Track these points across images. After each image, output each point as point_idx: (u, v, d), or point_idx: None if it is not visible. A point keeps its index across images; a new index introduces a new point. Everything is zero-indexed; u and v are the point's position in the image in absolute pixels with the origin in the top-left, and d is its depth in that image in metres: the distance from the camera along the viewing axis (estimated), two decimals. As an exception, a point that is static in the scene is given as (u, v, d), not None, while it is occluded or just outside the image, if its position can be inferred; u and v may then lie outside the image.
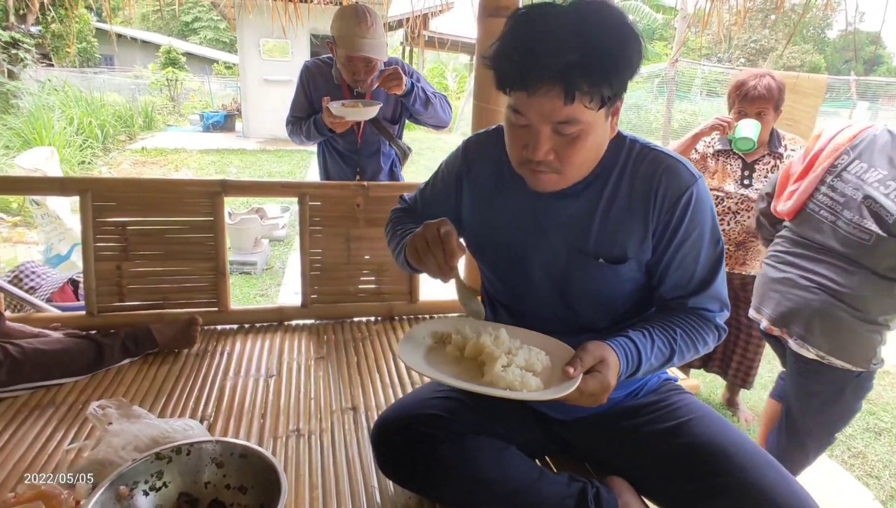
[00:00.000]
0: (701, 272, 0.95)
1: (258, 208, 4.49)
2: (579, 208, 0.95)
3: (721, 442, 0.93)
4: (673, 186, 0.90)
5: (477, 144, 1.08)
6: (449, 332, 0.97)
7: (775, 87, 2.03)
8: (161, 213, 1.73)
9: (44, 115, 7.26)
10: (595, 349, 0.86)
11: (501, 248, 1.03)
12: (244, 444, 1.04)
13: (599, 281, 0.96)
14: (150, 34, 20.15)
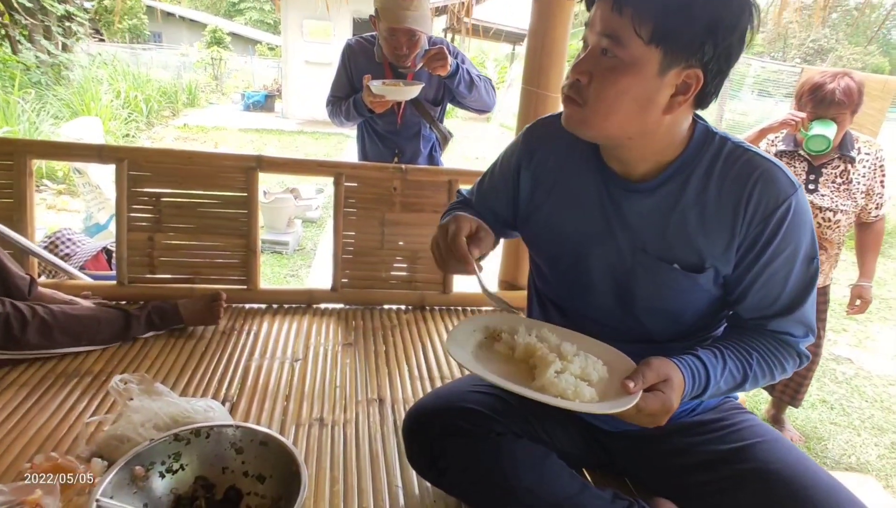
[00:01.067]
0: (789, 294, 0.85)
1: (293, 189, 4.48)
2: (654, 205, 0.85)
3: (794, 472, 0.82)
4: (769, 196, 0.79)
5: (543, 129, 0.99)
6: (501, 329, 0.90)
7: (856, 89, 1.83)
8: (196, 186, 1.70)
9: (92, 87, 7.44)
10: (660, 365, 0.77)
11: (561, 243, 0.94)
12: (266, 431, 0.99)
13: (669, 289, 0.86)
14: (198, 13, 20.55)
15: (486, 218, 0.97)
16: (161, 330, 1.51)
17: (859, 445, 2.28)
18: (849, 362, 3.03)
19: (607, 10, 0.72)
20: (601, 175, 0.89)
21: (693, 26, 0.71)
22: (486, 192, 1.08)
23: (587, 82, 0.76)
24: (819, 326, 2.11)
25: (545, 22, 1.71)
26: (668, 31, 0.70)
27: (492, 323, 0.92)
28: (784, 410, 2.33)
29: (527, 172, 0.98)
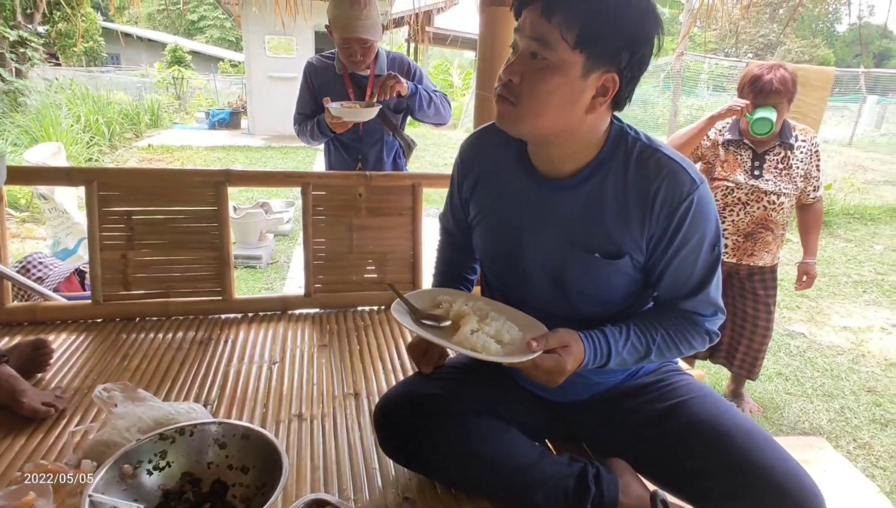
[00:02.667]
0: (696, 277, 0.94)
1: (263, 203, 4.51)
2: (577, 201, 0.93)
3: (721, 422, 0.93)
4: (673, 193, 0.88)
5: (472, 143, 1.09)
6: (443, 299, 1.04)
7: (790, 79, 2.00)
8: (166, 203, 1.75)
9: (51, 112, 7.31)
10: (565, 334, 0.90)
11: (500, 240, 1.04)
12: (246, 425, 1.05)
13: (595, 275, 0.95)
14: (156, 33, 20.26)
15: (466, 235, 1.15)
16: None
17: (812, 411, 2.44)
18: (802, 336, 3.22)
19: (537, 16, 0.80)
20: (530, 175, 0.97)
21: (613, 36, 0.81)
22: (453, 218, 1.20)
23: (519, 82, 0.84)
24: (769, 302, 2.26)
25: (493, 30, 1.82)
26: (591, 38, 0.80)
27: (438, 293, 1.06)
28: (742, 384, 2.47)
29: (467, 182, 1.08)
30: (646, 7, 0.81)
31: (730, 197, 2.12)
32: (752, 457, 0.87)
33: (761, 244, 2.15)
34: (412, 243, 1.94)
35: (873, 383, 2.70)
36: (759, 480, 0.85)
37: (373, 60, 2.03)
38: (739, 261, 2.19)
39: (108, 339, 1.60)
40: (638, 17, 0.81)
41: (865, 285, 4.15)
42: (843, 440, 2.23)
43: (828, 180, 6.44)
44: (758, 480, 0.85)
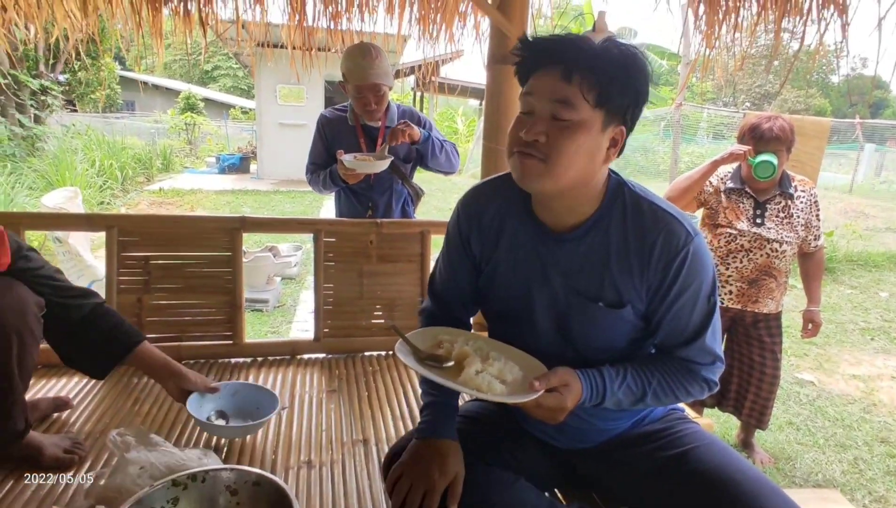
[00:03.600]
0: (692, 326, 0.97)
1: (271, 247, 4.57)
2: (580, 252, 0.97)
3: (727, 470, 0.94)
4: (669, 245, 0.92)
5: (476, 197, 1.09)
6: (445, 338, 1.04)
7: (788, 128, 2.08)
8: (182, 248, 1.80)
9: (67, 157, 7.53)
10: (564, 373, 0.93)
11: (508, 291, 1.05)
12: (258, 472, 1.05)
13: (599, 324, 0.98)
14: (171, 81, 21.01)
15: (453, 307, 1.15)
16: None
17: (825, 462, 2.39)
18: (811, 384, 3.18)
19: (556, 79, 0.86)
20: (537, 227, 1.00)
21: (624, 94, 0.88)
22: (447, 281, 1.15)
23: (545, 141, 0.88)
24: (776, 349, 2.26)
25: (499, 86, 1.91)
26: (607, 96, 0.87)
27: (439, 333, 1.07)
28: (753, 433, 2.44)
29: (475, 237, 1.07)
30: (644, 68, 0.89)
31: (733, 244, 2.16)
32: (759, 505, 0.88)
33: (765, 291, 2.17)
34: (421, 288, 1.98)
35: (886, 433, 2.66)
36: None
37: (384, 112, 2.13)
38: (744, 308, 2.20)
39: (120, 382, 1.62)
40: (640, 77, 0.89)
41: (873, 332, 4.13)
42: (858, 493, 2.18)
43: (830, 227, 6.50)
44: None
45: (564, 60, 0.86)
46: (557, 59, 0.87)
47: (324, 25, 2.60)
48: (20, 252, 1.23)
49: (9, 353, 1.13)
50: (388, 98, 2.10)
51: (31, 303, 1.18)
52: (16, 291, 1.16)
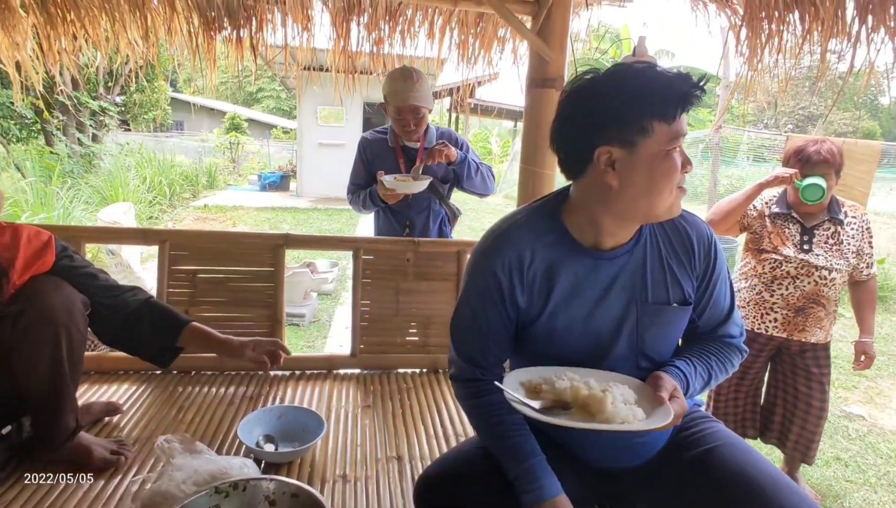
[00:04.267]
0: (727, 304, 1.07)
1: (309, 263, 4.68)
2: (634, 263, 1.00)
3: (748, 470, 0.95)
4: (703, 238, 1.03)
5: (501, 247, 1.00)
6: (537, 382, 0.96)
7: (836, 151, 2.02)
8: (228, 263, 1.88)
9: (121, 174, 7.94)
10: (668, 377, 0.95)
11: (573, 326, 1.00)
12: (297, 484, 1.08)
13: (671, 324, 1.02)
14: (218, 102, 21.93)
15: (493, 369, 1.07)
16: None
17: (876, 503, 2.26)
18: (861, 419, 3.02)
19: (683, 122, 0.89)
20: (587, 254, 0.99)
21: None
22: (483, 347, 1.06)
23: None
24: (824, 380, 2.17)
25: (538, 109, 1.94)
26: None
27: (524, 377, 0.97)
28: (797, 467, 2.33)
29: (520, 290, 1.00)
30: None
31: (778, 270, 2.09)
32: (779, 505, 0.88)
33: (813, 320, 2.09)
34: (455, 307, 1.99)
35: (945, 474, 2.50)
36: None
37: (423, 134, 2.18)
38: (790, 336, 2.13)
39: (166, 391, 1.69)
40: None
41: (929, 366, 3.90)
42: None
43: (881, 254, 6.20)
44: None
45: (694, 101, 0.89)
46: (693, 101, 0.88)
47: (366, 50, 2.69)
48: (65, 252, 1.31)
49: (59, 350, 1.20)
50: (428, 120, 2.16)
51: (78, 301, 1.25)
52: (64, 290, 1.23)
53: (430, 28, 2.68)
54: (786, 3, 1.91)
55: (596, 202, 0.95)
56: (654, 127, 0.87)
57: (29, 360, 1.19)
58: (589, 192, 0.95)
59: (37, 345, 1.18)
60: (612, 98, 0.88)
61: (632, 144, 0.87)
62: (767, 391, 2.32)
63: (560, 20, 1.85)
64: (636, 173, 0.89)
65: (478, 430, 1.08)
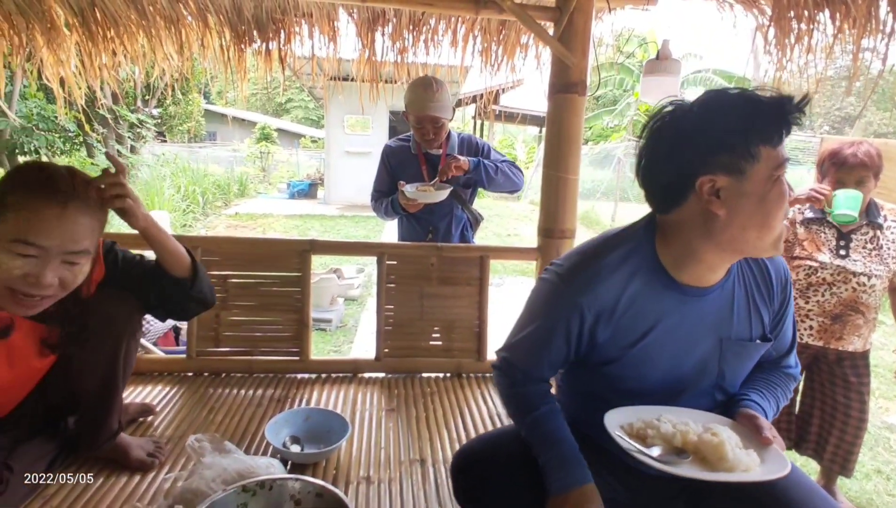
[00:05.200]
0: (790, 336, 1.09)
1: (336, 269, 4.75)
2: (724, 300, 0.99)
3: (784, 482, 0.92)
4: (778, 270, 1.04)
5: (591, 282, 0.97)
6: (639, 426, 0.95)
7: (875, 153, 1.94)
8: (257, 268, 1.93)
9: (157, 183, 8.23)
10: (761, 417, 0.96)
11: (655, 366, 0.99)
12: (322, 484, 1.10)
13: (750, 359, 1.04)
14: (249, 113, 22.52)
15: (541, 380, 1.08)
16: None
17: (922, 518, 2.17)
18: (905, 430, 2.90)
19: (784, 147, 0.87)
20: (678, 292, 0.97)
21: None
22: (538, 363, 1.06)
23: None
24: (863, 390, 2.09)
25: (560, 115, 1.94)
26: None
27: (622, 422, 0.96)
28: (835, 480, 2.24)
29: (606, 325, 0.97)
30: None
31: (813, 277, 2.03)
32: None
33: (851, 328, 2.02)
34: (478, 312, 2.00)
35: None
36: None
37: (445, 140, 2.20)
38: (827, 345, 2.06)
39: (197, 392, 1.74)
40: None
41: (979, 376, 3.71)
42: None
43: (926, 259, 5.94)
44: None
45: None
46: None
47: (391, 59, 2.74)
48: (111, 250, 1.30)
49: (117, 357, 1.25)
50: (448, 128, 2.18)
51: (136, 309, 1.29)
52: (124, 298, 1.27)
53: (454, 36, 2.70)
54: (815, 1, 1.87)
55: (698, 234, 0.91)
56: (762, 152, 0.84)
57: (87, 365, 1.24)
58: (689, 225, 0.91)
59: (96, 352, 1.23)
60: (716, 125, 0.85)
61: (740, 171, 0.85)
62: (803, 402, 2.24)
63: (582, 25, 1.85)
64: (746, 201, 0.86)
65: (514, 417, 1.10)
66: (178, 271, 1.29)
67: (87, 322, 1.21)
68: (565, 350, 1.01)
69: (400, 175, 2.18)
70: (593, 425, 0.98)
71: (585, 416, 1.05)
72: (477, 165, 2.11)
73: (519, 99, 11.96)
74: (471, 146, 2.26)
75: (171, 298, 1.30)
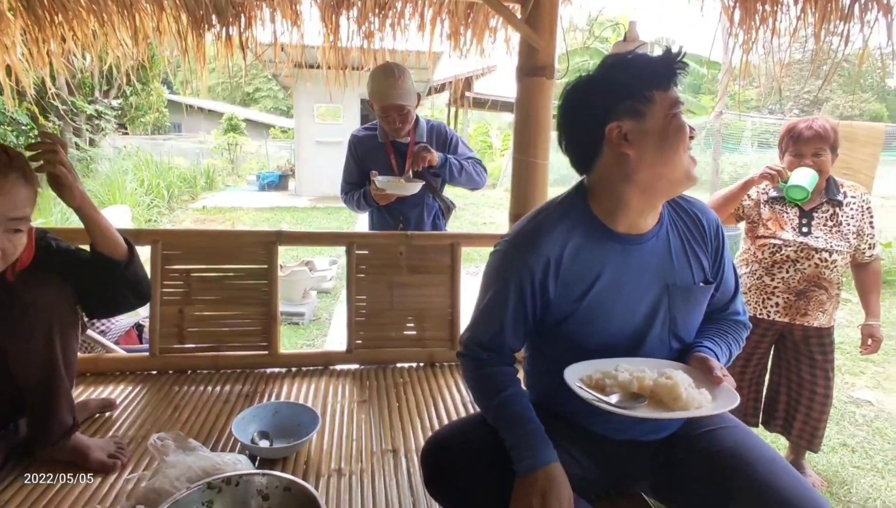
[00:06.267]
0: (732, 283, 1.14)
1: (307, 261, 4.67)
2: (662, 248, 1.05)
3: (744, 449, 0.97)
4: (710, 218, 1.11)
5: (537, 240, 1.03)
6: (597, 377, 0.98)
7: (830, 127, 1.99)
8: (221, 261, 1.87)
9: (118, 178, 7.95)
10: (709, 357, 1.01)
11: (610, 315, 1.03)
12: (289, 478, 1.08)
13: (699, 304, 1.09)
14: (215, 103, 21.91)
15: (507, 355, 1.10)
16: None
17: (884, 488, 2.24)
18: (868, 404, 3.00)
19: (676, 90, 0.99)
20: (617, 241, 1.03)
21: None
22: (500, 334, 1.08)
23: None
24: (828, 367, 2.15)
25: (529, 98, 1.92)
26: None
27: (581, 375, 0.99)
28: (803, 455, 2.31)
29: (554, 282, 1.02)
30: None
31: (778, 255, 2.07)
32: (770, 481, 0.91)
33: (815, 304, 2.07)
34: (451, 300, 1.98)
35: (951, 457, 2.48)
36: (778, 503, 0.88)
37: (413, 128, 2.16)
38: (792, 321, 2.10)
39: (161, 390, 1.68)
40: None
41: (935, 348, 3.88)
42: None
43: (889, 238, 6.15)
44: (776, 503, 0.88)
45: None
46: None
47: (357, 45, 2.67)
48: (44, 239, 1.27)
49: (52, 343, 1.20)
50: (414, 115, 2.15)
51: (67, 291, 1.24)
52: (51, 284, 1.22)
53: (421, 20, 2.65)
54: (779, -18, 1.88)
55: (618, 179, 1.00)
56: (655, 96, 0.96)
57: (22, 356, 1.19)
58: (609, 171, 1.01)
59: (29, 340, 1.19)
60: (615, 79, 0.98)
61: (640, 113, 0.96)
62: (771, 380, 2.30)
63: (549, 7, 1.83)
64: (650, 139, 0.96)
65: (480, 401, 1.11)
66: (113, 254, 1.26)
67: (11, 309, 1.16)
68: (522, 312, 1.05)
69: (368, 165, 2.14)
70: (562, 400, 1.02)
71: (553, 392, 1.07)
72: (444, 164, 2.08)
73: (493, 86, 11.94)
74: (440, 136, 2.23)
75: (103, 284, 1.27)
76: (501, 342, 1.09)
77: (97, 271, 1.25)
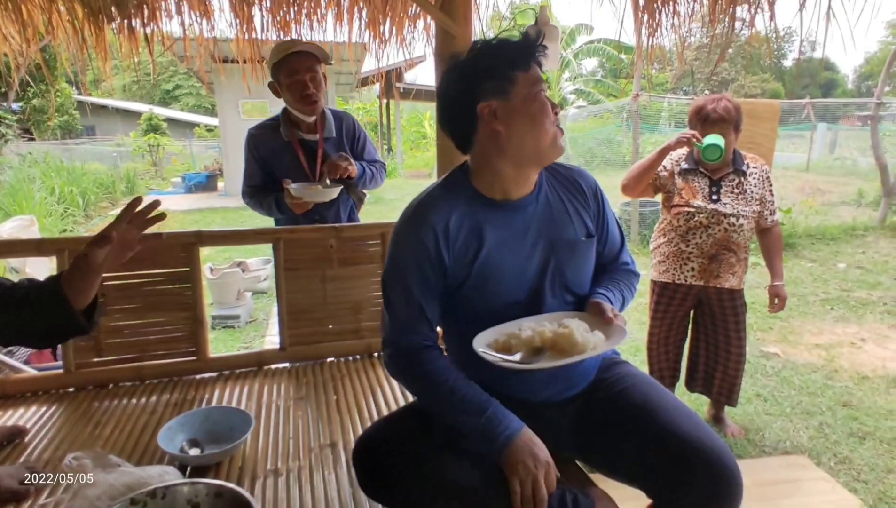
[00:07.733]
0: (618, 236, 1.25)
1: (240, 262, 4.52)
2: (542, 209, 1.14)
3: (649, 400, 1.06)
4: (588, 181, 1.21)
5: (425, 215, 1.09)
6: (503, 340, 1.04)
7: (733, 108, 2.16)
8: (138, 267, 1.76)
9: (24, 186, 7.31)
10: (604, 302, 1.09)
11: (501, 276, 1.09)
12: (219, 483, 1.05)
13: (584, 257, 1.16)
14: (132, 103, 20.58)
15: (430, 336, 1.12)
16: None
17: (792, 430, 2.47)
18: (776, 356, 3.28)
19: (537, 70, 1.07)
20: (497, 207, 1.11)
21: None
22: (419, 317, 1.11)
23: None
24: (740, 327, 2.33)
25: (450, 86, 1.93)
26: None
27: (491, 337, 1.06)
28: (722, 409, 2.50)
29: (448, 252, 1.08)
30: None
31: (692, 221, 2.22)
32: (674, 427, 0.98)
33: (726, 266, 2.24)
34: (385, 290, 1.98)
35: (848, 397, 2.75)
36: (680, 445, 0.96)
37: (320, 121, 2.04)
38: (707, 283, 2.26)
39: (79, 408, 1.58)
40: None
41: (832, 302, 4.28)
42: (824, 456, 2.25)
43: (788, 204, 6.69)
44: (678, 445, 0.96)
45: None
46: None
47: (273, 37, 2.58)
48: None
49: None
50: (324, 85, 1.97)
51: None
52: None
53: (338, 9, 2.60)
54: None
55: (493, 154, 1.08)
56: (518, 76, 1.04)
57: None
58: (485, 148, 1.09)
59: None
60: (480, 63, 1.05)
61: (505, 93, 1.04)
62: (691, 345, 2.47)
63: (462, -6, 1.84)
64: (516, 115, 1.05)
65: (424, 397, 1.13)
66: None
67: None
68: (427, 285, 1.10)
69: (273, 167, 2.01)
70: (477, 370, 1.07)
71: (469, 362, 1.10)
72: (361, 175, 2.03)
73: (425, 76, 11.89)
74: (349, 130, 2.14)
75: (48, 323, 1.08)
76: (422, 320, 1.11)
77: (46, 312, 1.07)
